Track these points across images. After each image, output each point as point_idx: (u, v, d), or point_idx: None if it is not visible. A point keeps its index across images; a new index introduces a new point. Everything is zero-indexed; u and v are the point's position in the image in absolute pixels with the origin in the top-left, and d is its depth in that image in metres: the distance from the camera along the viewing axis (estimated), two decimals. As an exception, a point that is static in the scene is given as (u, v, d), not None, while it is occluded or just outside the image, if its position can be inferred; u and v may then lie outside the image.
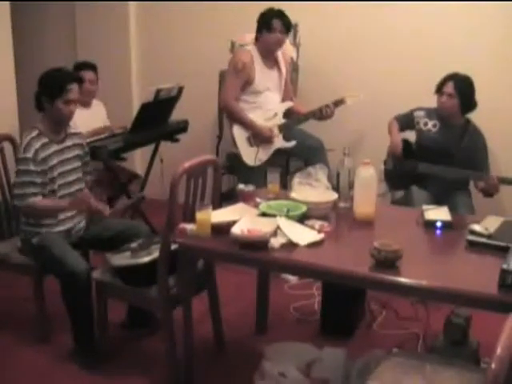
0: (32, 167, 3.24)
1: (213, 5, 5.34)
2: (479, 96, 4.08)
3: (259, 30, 4.41)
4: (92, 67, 4.58)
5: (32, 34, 6.09)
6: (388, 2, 4.74)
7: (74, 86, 3.32)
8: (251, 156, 4.41)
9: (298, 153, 4.59)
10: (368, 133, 4.98)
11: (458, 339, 2.90)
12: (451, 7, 4.58)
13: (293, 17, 4.40)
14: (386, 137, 4.30)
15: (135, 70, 5.85)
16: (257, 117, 4.41)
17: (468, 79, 4.07)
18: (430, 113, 4.22)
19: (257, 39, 4.46)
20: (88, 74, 4.49)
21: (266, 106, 4.47)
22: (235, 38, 4.86)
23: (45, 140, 3.33)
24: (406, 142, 4.26)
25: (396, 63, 4.85)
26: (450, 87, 4.05)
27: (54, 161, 3.37)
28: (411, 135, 4.31)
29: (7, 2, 4.51)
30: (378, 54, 4.89)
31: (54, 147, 3.38)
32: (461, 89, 4.04)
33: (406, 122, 4.30)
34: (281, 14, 4.35)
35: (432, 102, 4.17)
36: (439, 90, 4.10)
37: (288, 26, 4.40)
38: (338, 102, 4.40)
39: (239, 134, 4.42)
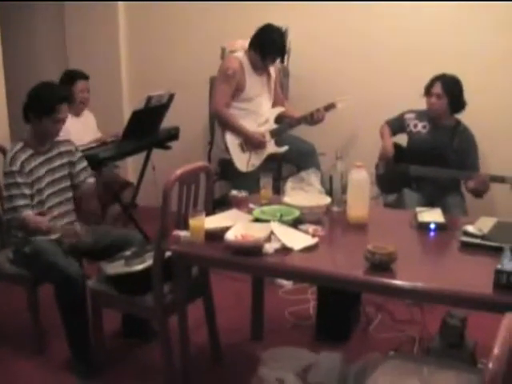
0: (19, 179, 3.24)
1: (203, 11, 5.34)
2: (469, 96, 4.10)
3: (259, 49, 4.35)
4: (84, 76, 4.59)
5: (21, 36, 6.02)
6: (377, 2, 4.77)
7: (64, 106, 3.31)
8: (244, 162, 4.41)
9: (291, 158, 4.59)
10: (360, 136, 5.00)
11: (454, 341, 2.89)
12: (440, 9, 4.61)
13: (283, 21, 4.39)
14: (377, 139, 4.33)
15: (125, 77, 5.84)
16: (249, 123, 4.42)
17: (455, 79, 4.09)
18: (421, 115, 4.24)
19: (251, 49, 4.41)
20: (80, 84, 4.51)
21: (258, 112, 4.48)
22: (225, 44, 4.84)
23: (30, 151, 3.33)
24: (397, 147, 4.28)
25: (387, 66, 4.87)
26: (437, 88, 4.08)
27: (42, 171, 3.37)
28: (403, 139, 4.32)
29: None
30: (368, 57, 4.91)
31: (41, 158, 3.37)
32: (449, 89, 4.06)
33: (398, 125, 4.32)
34: (284, 44, 4.44)
35: (423, 104, 4.18)
36: (428, 91, 4.13)
37: (285, 52, 4.55)
38: (329, 107, 4.42)
39: (231, 140, 4.42)
